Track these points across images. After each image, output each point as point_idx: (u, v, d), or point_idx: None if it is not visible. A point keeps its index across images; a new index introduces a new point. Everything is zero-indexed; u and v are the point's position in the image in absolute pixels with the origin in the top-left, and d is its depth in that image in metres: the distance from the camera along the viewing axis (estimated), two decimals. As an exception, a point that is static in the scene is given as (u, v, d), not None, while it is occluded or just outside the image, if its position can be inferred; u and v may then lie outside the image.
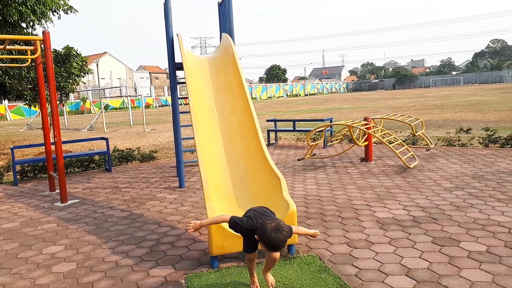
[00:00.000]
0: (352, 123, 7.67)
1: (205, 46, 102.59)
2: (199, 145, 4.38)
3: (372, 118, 8.23)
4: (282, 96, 75.05)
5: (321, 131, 8.98)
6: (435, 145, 9.35)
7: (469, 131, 9.80)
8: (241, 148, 4.81)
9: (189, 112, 4.94)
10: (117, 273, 3.59)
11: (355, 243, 3.99)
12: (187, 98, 8.23)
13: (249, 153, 4.71)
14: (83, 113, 44.42)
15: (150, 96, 59.31)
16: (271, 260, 3.04)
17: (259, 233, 2.72)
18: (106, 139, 8.70)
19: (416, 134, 8.53)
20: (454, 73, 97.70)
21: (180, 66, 6.50)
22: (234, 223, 2.97)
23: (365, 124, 7.79)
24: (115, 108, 48.96)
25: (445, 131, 11.83)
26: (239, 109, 5.17)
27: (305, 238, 4.20)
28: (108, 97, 36.57)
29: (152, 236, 4.50)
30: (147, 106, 51.14)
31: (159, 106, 53.54)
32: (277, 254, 2.95)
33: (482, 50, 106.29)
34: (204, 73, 5.78)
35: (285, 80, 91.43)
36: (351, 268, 3.45)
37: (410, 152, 7.67)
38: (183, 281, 3.36)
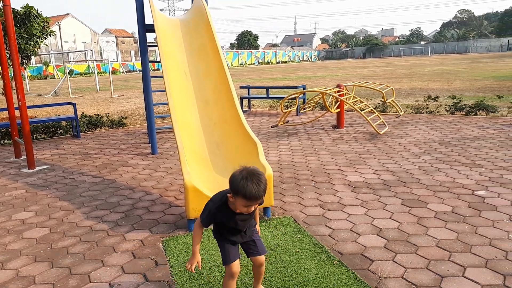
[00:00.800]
0: (325, 90, 7.72)
1: (174, 10, 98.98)
2: (173, 110, 4.30)
3: (345, 86, 8.30)
4: (254, 64, 74.24)
5: (295, 98, 9.00)
6: (404, 112, 9.59)
7: (436, 99, 10.09)
8: (216, 113, 4.76)
9: (160, 77, 4.80)
10: (92, 238, 3.55)
11: (328, 206, 4.10)
12: (155, 62, 7.98)
13: (224, 118, 4.67)
14: (46, 78, 42.44)
15: (117, 61, 57.21)
16: (256, 268, 2.51)
17: (231, 188, 2.13)
18: (73, 104, 8.38)
19: (387, 102, 8.71)
20: (422, 42, 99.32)
21: (150, 28, 6.25)
22: (204, 215, 2.31)
23: (338, 91, 7.86)
24: (80, 74, 47.04)
25: (413, 99, 12.12)
26: (214, 74, 5.07)
27: (280, 201, 4.28)
28: (73, 61, 34.93)
29: (126, 202, 4.45)
30: (114, 71, 49.42)
31: (126, 72, 51.86)
32: (261, 258, 2.44)
33: (450, 20, 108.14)
34: (176, 36, 5.59)
35: (256, 47, 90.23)
36: (325, 229, 3.56)
37: (380, 119, 7.85)
38: (160, 244, 3.38)
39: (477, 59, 41.87)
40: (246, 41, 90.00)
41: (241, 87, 12.29)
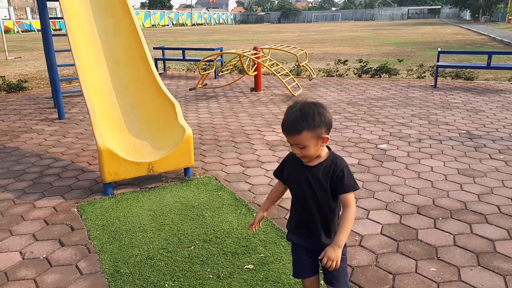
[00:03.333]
0: (243, 53, 7.73)
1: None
2: (81, 70, 4.00)
3: (261, 48, 8.38)
4: (168, 25, 70.95)
5: (212, 60, 8.88)
6: (316, 75, 10.03)
7: (346, 63, 10.69)
8: (129, 75, 4.52)
9: (63, 35, 4.39)
10: (-5, 209, 3.27)
11: (247, 163, 4.23)
12: (57, 19, 7.24)
13: (138, 80, 4.46)
14: None
15: (9, 19, 50.69)
16: None
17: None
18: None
19: (301, 65, 9.01)
20: (333, 9, 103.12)
21: (50, -21, 5.62)
22: (278, 169, 1.81)
23: (255, 54, 7.92)
24: (-35, 32, 40.92)
25: (325, 63, 12.69)
26: (124, 32, 4.77)
27: (201, 161, 4.31)
28: (-46, 17, 30.13)
29: (33, 169, 4.13)
30: (7, 30, 43.82)
31: (22, 31, 46.39)
32: None
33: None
34: (81, -11, 5.10)
35: (170, 7, 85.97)
36: (245, 185, 3.69)
37: (295, 81, 8.13)
38: (75, 210, 3.23)
39: (382, 26, 44.76)
40: (158, 0, 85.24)
41: (155, 48, 11.75)
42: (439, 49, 8.50)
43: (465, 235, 2.73)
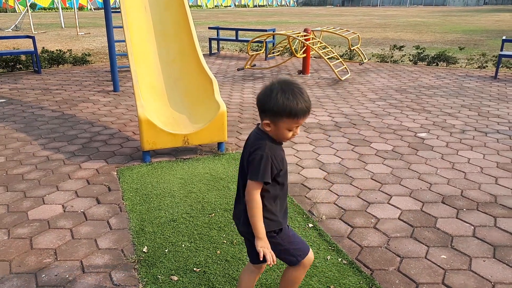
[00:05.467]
0: (292, 34, 7.72)
1: None
2: (130, 44, 4.28)
3: (312, 30, 8.31)
4: (230, 6, 71.53)
5: (261, 41, 8.95)
6: (368, 60, 9.75)
7: (402, 48, 10.27)
8: (176, 48, 4.74)
9: (119, 11, 4.69)
10: (48, 166, 3.66)
11: (280, 143, 4.32)
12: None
13: (183, 53, 4.68)
14: (6, 12, 39.68)
15: (84, -3, 53.78)
16: (288, 280, 1.85)
17: (265, 111, 1.53)
18: (32, 37, 8.05)
19: (352, 48, 8.81)
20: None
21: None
22: (259, 169, 1.55)
23: (304, 36, 7.88)
24: (44, 8, 44.17)
25: (381, 48, 12.26)
26: (174, 6, 4.97)
27: (236, 138, 4.47)
28: (35, -6, 32.65)
29: (84, 135, 4.53)
30: (81, 8, 46.65)
31: (95, 9, 49.06)
32: (298, 272, 1.80)
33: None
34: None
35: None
36: (273, 163, 3.79)
37: (344, 65, 7.99)
38: (115, 173, 3.54)
39: (453, 12, 41.91)
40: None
41: (209, 28, 12.02)
42: (504, 37, 7.90)
43: (487, 228, 2.66)
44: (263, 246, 1.59)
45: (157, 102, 4.25)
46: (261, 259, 1.59)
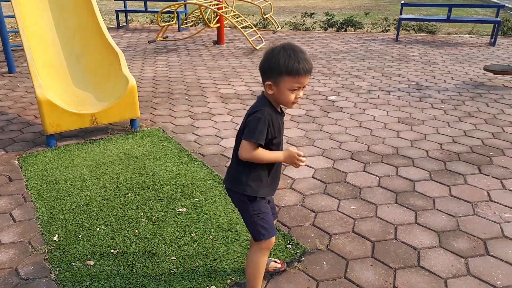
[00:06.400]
0: (203, 3, 7.51)
1: None
2: (20, 18, 3.84)
3: (224, -1, 8.15)
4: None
5: (172, 12, 8.60)
6: (281, 28, 9.89)
7: (312, 16, 10.54)
8: (75, 23, 4.36)
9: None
10: None
11: (197, 116, 4.26)
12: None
13: (84, 28, 4.32)
14: None
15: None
16: (250, 266, 1.80)
17: (267, 72, 1.56)
18: None
19: (264, 17, 8.84)
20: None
21: None
22: (255, 129, 1.56)
23: (217, 5, 7.71)
24: None
25: (293, 16, 12.48)
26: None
27: (151, 114, 4.31)
28: None
29: (-24, 123, 4.05)
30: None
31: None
32: (257, 257, 1.77)
33: None
34: None
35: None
36: (191, 136, 3.74)
37: (258, 34, 8.01)
38: (16, 161, 3.23)
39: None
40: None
41: None
42: (402, 2, 8.47)
43: (390, 177, 2.90)
44: (289, 156, 1.61)
45: (58, 81, 3.91)
46: (302, 164, 1.61)
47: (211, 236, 2.33)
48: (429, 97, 4.66)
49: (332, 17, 9.98)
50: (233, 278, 2.01)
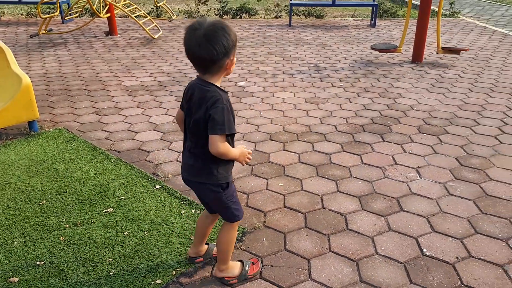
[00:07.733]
0: (90, -9, 6.96)
1: None
2: None
3: (112, -13, 7.66)
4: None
5: (54, 2, 7.82)
6: (176, 16, 9.68)
7: (206, 3, 10.49)
8: None
9: None
10: None
11: (104, 111, 4.01)
12: None
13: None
14: None
15: None
16: (223, 241, 1.87)
17: (224, 46, 1.51)
18: None
19: (158, 5, 8.56)
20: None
21: None
22: (223, 122, 1.53)
23: (105, -7, 7.22)
24: None
25: (186, 4, 12.27)
26: None
27: (50, 114, 3.93)
28: None
29: None
30: None
31: None
32: (232, 232, 1.86)
33: None
34: None
35: None
36: (102, 133, 3.51)
37: (153, 23, 7.74)
38: None
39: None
40: None
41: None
42: (291, -12, 8.89)
43: (308, 153, 3.10)
44: (242, 154, 1.68)
45: None
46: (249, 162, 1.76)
47: (146, 232, 2.26)
48: (328, 77, 5.03)
49: (226, 4, 10.06)
50: (178, 269, 1.98)
